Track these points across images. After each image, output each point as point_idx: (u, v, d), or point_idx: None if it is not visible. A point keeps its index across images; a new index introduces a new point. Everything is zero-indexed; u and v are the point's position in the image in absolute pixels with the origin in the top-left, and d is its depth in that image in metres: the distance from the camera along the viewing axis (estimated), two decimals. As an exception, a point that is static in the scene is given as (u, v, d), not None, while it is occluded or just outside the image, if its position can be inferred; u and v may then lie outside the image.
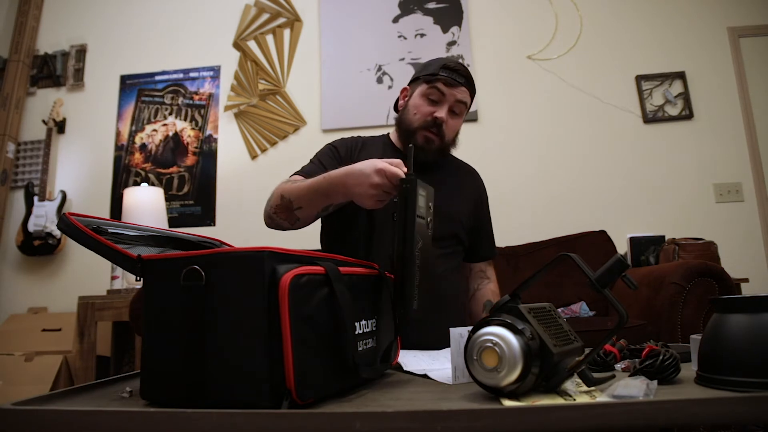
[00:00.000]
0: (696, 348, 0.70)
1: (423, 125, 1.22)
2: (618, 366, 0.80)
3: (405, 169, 0.90)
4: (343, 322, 0.66)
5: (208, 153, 3.02)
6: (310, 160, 1.30)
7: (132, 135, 3.09)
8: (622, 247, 2.51)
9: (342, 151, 1.30)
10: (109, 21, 3.23)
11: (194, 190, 2.99)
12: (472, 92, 1.27)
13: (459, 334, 0.74)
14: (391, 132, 1.38)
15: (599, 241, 2.42)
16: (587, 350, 0.68)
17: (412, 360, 0.93)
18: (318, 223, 1.32)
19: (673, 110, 2.80)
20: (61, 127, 3.10)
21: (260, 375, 0.58)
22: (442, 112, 1.21)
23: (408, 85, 1.32)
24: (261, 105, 3.02)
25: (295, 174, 1.24)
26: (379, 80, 2.95)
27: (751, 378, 0.60)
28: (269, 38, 3.10)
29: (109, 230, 0.76)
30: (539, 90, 2.89)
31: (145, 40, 3.19)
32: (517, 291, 0.70)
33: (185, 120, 3.08)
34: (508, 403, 0.59)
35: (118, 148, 3.08)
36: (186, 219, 2.95)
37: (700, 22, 2.88)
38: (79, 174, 3.07)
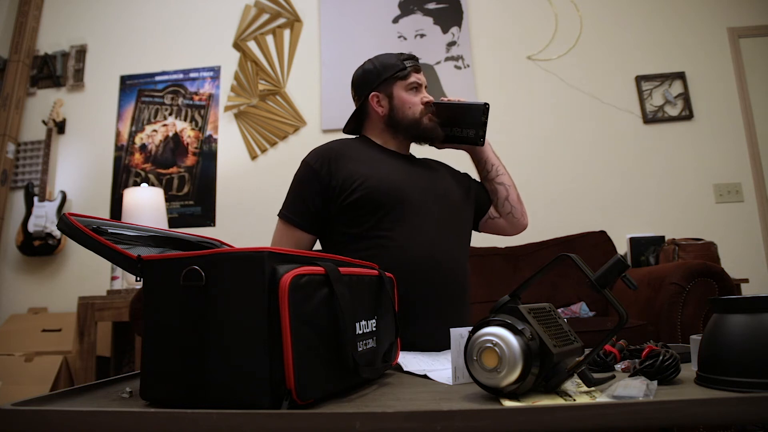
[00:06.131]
0: (696, 348, 0.70)
1: (423, 113, 1.32)
2: (618, 366, 0.80)
3: None
4: (343, 323, 0.66)
5: (208, 153, 3.02)
6: (294, 194, 1.24)
7: (132, 135, 3.09)
8: (622, 247, 2.51)
9: (317, 166, 1.21)
10: (109, 21, 3.23)
11: (194, 190, 2.99)
12: None
13: (459, 334, 0.74)
14: (370, 134, 1.36)
15: (599, 241, 2.42)
16: (587, 350, 0.68)
17: (412, 360, 0.93)
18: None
19: (673, 110, 2.80)
20: (61, 127, 3.10)
21: (260, 375, 0.58)
22: (428, 96, 1.33)
23: (374, 92, 1.31)
24: (261, 105, 3.02)
25: (282, 218, 1.22)
26: (379, 80, 2.95)
27: (751, 378, 0.60)
28: (269, 38, 3.10)
29: (109, 230, 0.76)
30: (539, 90, 2.89)
31: (145, 40, 3.19)
32: (517, 291, 0.70)
33: (185, 120, 3.08)
34: (508, 403, 0.59)
35: (118, 148, 3.08)
36: (186, 219, 2.95)
37: (699, 23, 2.88)
38: (79, 174, 3.07)
